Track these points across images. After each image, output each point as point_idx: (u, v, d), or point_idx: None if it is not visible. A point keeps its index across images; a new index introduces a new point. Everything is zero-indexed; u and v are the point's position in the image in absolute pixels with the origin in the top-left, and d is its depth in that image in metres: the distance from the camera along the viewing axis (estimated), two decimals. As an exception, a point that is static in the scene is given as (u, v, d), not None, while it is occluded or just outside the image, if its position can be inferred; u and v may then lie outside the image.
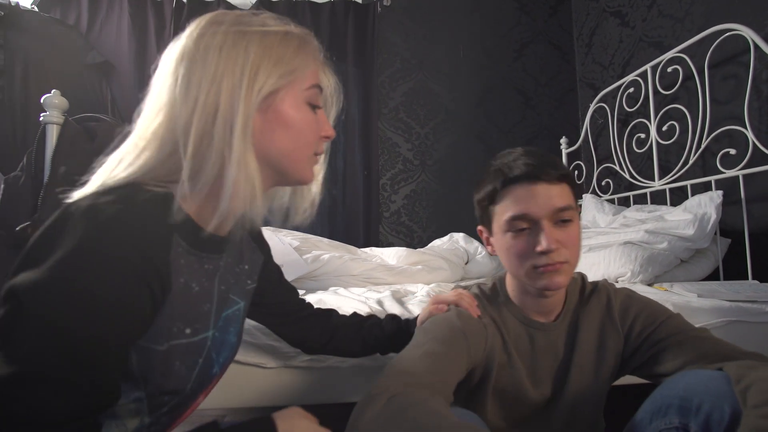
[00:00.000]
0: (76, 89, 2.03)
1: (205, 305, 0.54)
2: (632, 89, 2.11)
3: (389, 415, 0.49)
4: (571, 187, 0.70)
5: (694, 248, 1.45)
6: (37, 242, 0.42)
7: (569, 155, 2.56)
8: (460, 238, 2.08)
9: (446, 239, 2.11)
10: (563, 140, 2.55)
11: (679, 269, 1.48)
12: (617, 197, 2.26)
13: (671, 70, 1.86)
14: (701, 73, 1.70)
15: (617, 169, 2.23)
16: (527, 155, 0.69)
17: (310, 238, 1.85)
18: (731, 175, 1.55)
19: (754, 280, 1.45)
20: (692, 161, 1.73)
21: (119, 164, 0.50)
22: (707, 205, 1.48)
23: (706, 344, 0.67)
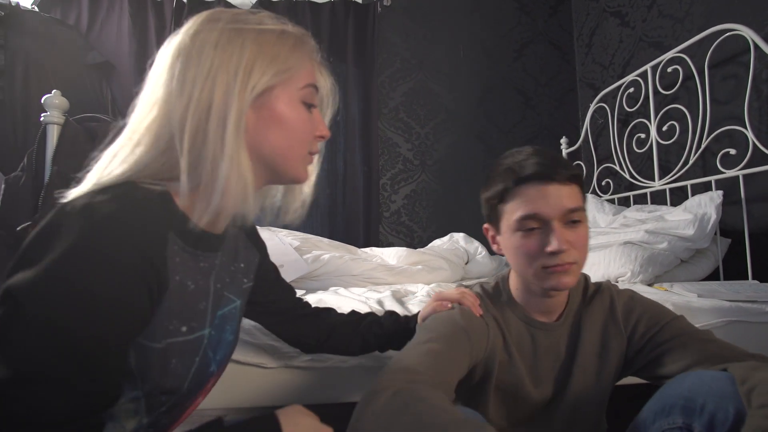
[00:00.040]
0: (76, 89, 2.03)
1: (200, 303, 0.54)
2: (632, 89, 2.11)
3: (394, 409, 0.49)
4: (580, 188, 0.70)
5: (694, 248, 1.46)
6: (32, 242, 0.42)
7: (569, 155, 2.55)
8: (460, 238, 2.08)
9: (446, 239, 2.11)
10: (563, 140, 2.55)
11: (679, 269, 1.48)
12: (617, 197, 2.26)
13: (671, 70, 1.86)
14: (701, 73, 1.70)
15: (617, 169, 2.23)
16: (538, 155, 0.69)
17: (310, 238, 1.85)
18: (731, 175, 1.55)
19: (754, 280, 1.45)
20: (692, 161, 1.73)
21: (114, 159, 0.50)
22: (707, 205, 1.48)
23: (710, 346, 0.67)
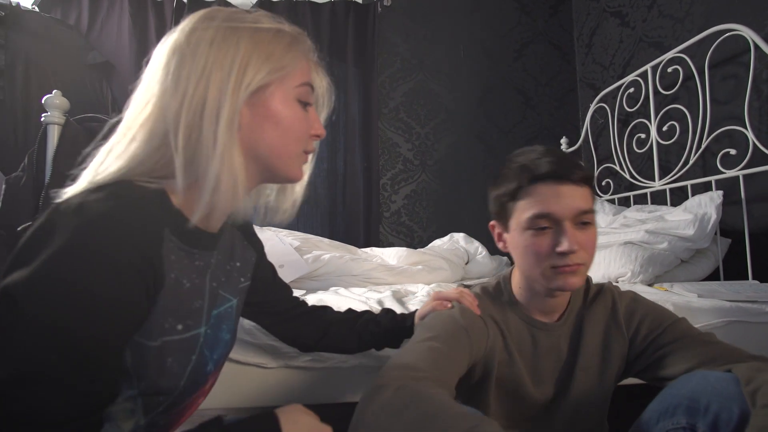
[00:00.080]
0: (76, 89, 2.04)
1: (196, 302, 0.54)
2: (632, 89, 2.11)
3: (398, 405, 0.49)
4: (591, 190, 0.70)
5: (694, 248, 1.46)
6: (28, 241, 0.42)
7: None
8: (460, 238, 2.08)
9: (446, 239, 2.11)
10: (563, 140, 2.55)
11: (679, 269, 1.48)
12: (617, 197, 2.26)
13: (671, 70, 1.86)
14: (701, 73, 1.70)
15: (617, 169, 2.23)
16: (552, 154, 0.69)
17: (310, 238, 1.85)
18: (731, 175, 1.55)
19: (754, 280, 1.45)
20: (692, 161, 1.73)
21: (109, 155, 0.51)
22: (707, 205, 1.48)
23: (713, 348, 0.67)
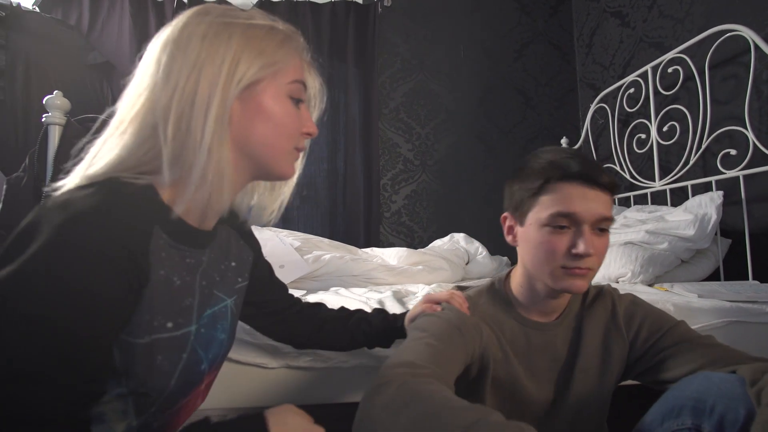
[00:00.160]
0: (77, 90, 2.04)
1: (186, 299, 0.53)
2: (633, 89, 2.11)
3: (402, 401, 0.50)
4: (613, 198, 0.71)
5: (694, 248, 1.46)
6: (15, 238, 0.42)
7: (570, 155, 2.55)
8: (460, 238, 2.08)
9: (447, 239, 2.11)
10: (563, 140, 2.55)
11: (679, 269, 1.48)
12: (617, 197, 2.26)
13: (672, 70, 1.86)
14: (702, 73, 1.70)
15: (618, 169, 2.23)
16: (581, 156, 0.69)
17: (311, 238, 1.85)
18: (732, 175, 1.55)
19: (754, 280, 1.45)
20: (693, 162, 1.73)
21: (103, 146, 0.51)
22: (708, 205, 1.48)
23: (715, 350, 0.67)
